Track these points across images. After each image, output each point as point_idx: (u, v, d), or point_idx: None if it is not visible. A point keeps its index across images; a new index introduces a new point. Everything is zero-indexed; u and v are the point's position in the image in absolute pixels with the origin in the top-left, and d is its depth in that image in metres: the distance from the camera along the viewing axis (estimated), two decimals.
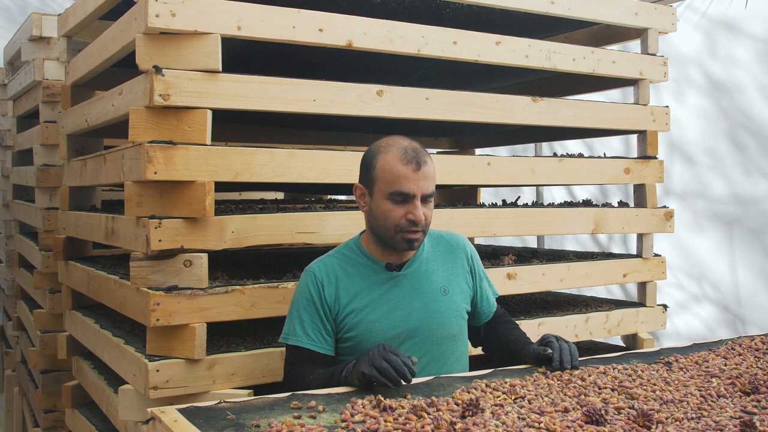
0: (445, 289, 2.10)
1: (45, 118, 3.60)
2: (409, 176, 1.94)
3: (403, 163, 1.95)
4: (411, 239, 1.98)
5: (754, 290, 4.25)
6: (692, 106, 4.54)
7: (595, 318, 2.94)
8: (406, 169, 1.94)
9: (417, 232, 1.98)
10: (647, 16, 3.02)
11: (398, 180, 1.94)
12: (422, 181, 1.95)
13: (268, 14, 2.23)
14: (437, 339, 2.07)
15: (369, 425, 1.50)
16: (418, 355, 1.98)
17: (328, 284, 2.04)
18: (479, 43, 2.62)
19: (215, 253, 2.21)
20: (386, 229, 1.99)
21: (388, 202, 1.96)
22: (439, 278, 2.11)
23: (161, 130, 2.12)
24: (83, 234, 2.88)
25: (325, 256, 2.12)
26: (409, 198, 1.95)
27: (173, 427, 1.46)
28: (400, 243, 2.00)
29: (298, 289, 2.08)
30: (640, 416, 1.54)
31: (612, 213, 2.99)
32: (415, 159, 1.95)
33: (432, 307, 2.07)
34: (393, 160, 1.96)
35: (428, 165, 1.98)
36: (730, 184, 4.37)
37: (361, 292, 2.04)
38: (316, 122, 3.63)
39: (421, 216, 1.96)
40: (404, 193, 1.95)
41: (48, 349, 3.52)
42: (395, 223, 1.97)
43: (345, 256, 2.10)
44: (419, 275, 2.09)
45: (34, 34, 3.65)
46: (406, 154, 1.96)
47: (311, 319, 2.02)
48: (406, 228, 1.97)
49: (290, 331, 2.05)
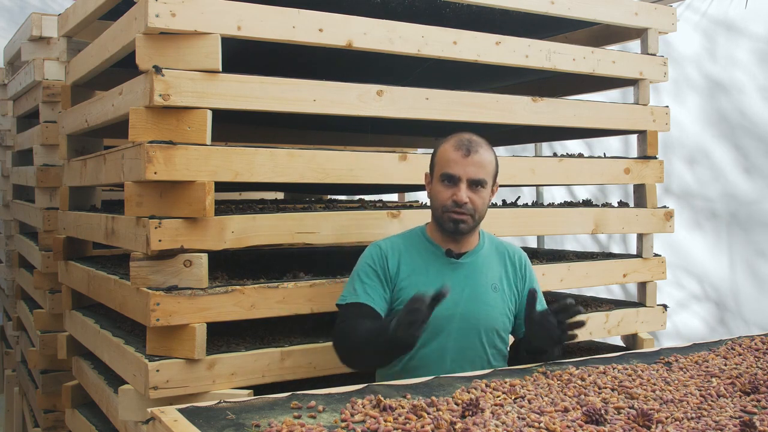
0: (496, 287, 2.22)
1: (45, 118, 3.60)
2: (458, 161, 2.10)
3: (455, 149, 2.12)
4: (455, 219, 2.12)
5: (753, 290, 4.25)
6: (691, 107, 4.53)
7: (595, 318, 2.94)
8: (456, 154, 2.11)
9: (462, 214, 2.11)
10: (647, 16, 3.02)
11: (448, 163, 2.12)
12: (470, 166, 2.10)
13: (268, 14, 2.23)
14: (480, 329, 2.16)
15: (369, 425, 1.50)
16: (460, 341, 2.13)
17: (392, 256, 2.18)
18: (479, 43, 2.62)
19: (215, 253, 2.21)
20: (436, 209, 2.16)
21: (439, 184, 2.14)
22: (492, 275, 2.22)
23: (161, 130, 2.12)
24: (83, 234, 2.88)
25: (391, 236, 2.29)
26: (455, 180, 2.10)
27: (173, 427, 1.46)
28: (446, 223, 2.13)
29: (362, 258, 2.21)
30: (640, 416, 1.54)
31: (612, 213, 2.99)
32: (465, 146, 2.11)
33: (481, 298, 2.18)
34: (448, 146, 2.14)
35: (479, 154, 2.12)
36: (729, 184, 4.37)
37: (419, 270, 2.17)
38: (316, 122, 3.62)
39: (463, 198, 2.09)
40: (451, 175, 2.11)
41: (48, 349, 3.52)
42: (442, 204, 2.13)
43: (409, 239, 2.24)
44: (475, 267, 2.21)
45: (34, 34, 3.65)
46: (459, 142, 2.13)
47: (371, 282, 2.15)
48: (451, 208, 2.11)
49: (349, 293, 2.16)
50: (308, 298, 2.34)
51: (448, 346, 2.14)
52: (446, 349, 2.14)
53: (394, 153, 2.52)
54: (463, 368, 2.09)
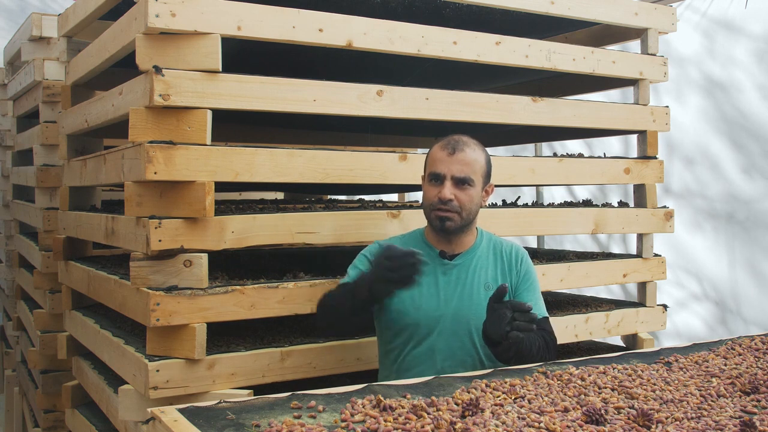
0: (489, 286, 2.21)
1: (45, 118, 3.60)
2: (443, 159, 2.13)
3: (441, 148, 2.15)
4: (441, 216, 2.13)
5: (753, 290, 4.25)
6: (691, 107, 4.53)
7: (595, 318, 2.94)
8: (442, 153, 2.14)
9: (447, 211, 2.12)
10: (647, 16, 3.02)
11: (434, 162, 2.15)
12: (455, 164, 2.11)
13: (268, 14, 2.23)
14: (471, 329, 2.16)
15: (369, 425, 1.50)
16: (450, 340, 2.14)
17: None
18: (479, 43, 2.62)
19: (215, 253, 2.21)
20: (425, 208, 2.19)
21: (428, 183, 2.18)
22: (485, 275, 2.22)
23: (161, 130, 2.12)
24: (83, 234, 2.88)
25: (392, 237, 2.35)
26: (440, 178, 2.13)
27: (173, 427, 1.46)
28: (434, 221, 2.16)
29: (361, 252, 2.25)
30: (640, 416, 1.54)
31: (612, 213, 2.99)
32: (451, 146, 2.13)
33: (473, 298, 2.18)
34: (436, 147, 2.17)
35: (465, 153, 2.13)
36: (728, 184, 4.37)
37: None
38: (316, 122, 3.63)
39: (447, 194, 2.10)
40: (436, 173, 2.14)
41: (48, 349, 3.52)
42: (430, 202, 2.15)
43: (408, 240, 2.27)
44: (468, 268, 2.21)
45: (34, 34, 3.65)
46: (447, 142, 2.16)
47: (365, 267, 2.18)
48: (436, 206, 2.13)
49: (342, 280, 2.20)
50: (308, 298, 2.34)
51: (438, 346, 2.14)
52: (437, 349, 2.14)
53: (394, 153, 2.53)
54: (455, 368, 2.09)
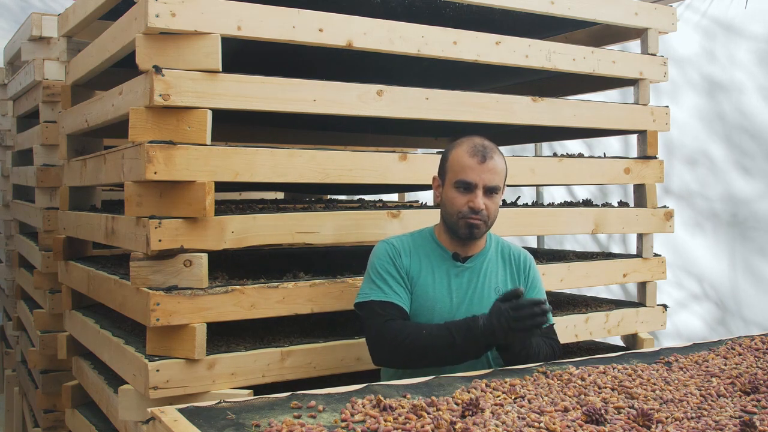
0: (499, 290, 2.22)
1: (45, 118, 3.60)
2: (473, 167, 2.10)
3: (470, 155, 2.11)
4: (471, 224, 2.12)
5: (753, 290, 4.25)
6: (691, 107, 4.53)
7: (595, 318, 2.94)
8: (472, 161, 2.10)
9: (477, 220, 2.11)
10: (647, 16, 3.02)
11: (463, 170, 2.11)
12: (486, 173, 2.10)
13: (268, 14, 2.23)
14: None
15: (369, 425, 1.50)
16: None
17: (405, 255, 2.19)
18: (479, 43, 2.62)
19: (215, 253, 2.21)
20: (451, 215, 2.14)
21: (454, 190, 2.13)
22: (495, 279, 2.23)
23: (161, 130, 2.12)
24: (83, 234, 2.88)
25: (400, 235, 2.29)
26: (471, 187, 2.10)
27: (173, 427, 1.46)
28: (462, 228, 2.13)
29: (376, 256, 2.20)
30: (640, 416, 1.54)
31: (612, 213, 2.99)
32: (481, 153, 2.11)
33: (483, 301, 2.18)
34: (462, 152, 2.13)
35: (494, 161, 2.12)
36: (729, 184, 4.37)
37: (427, 271, 2.18)
38: (316, 122, 3.63)
39: (480, 204, 2.10)
40: (467, 182, 2.10)
41: (48, 349, 3.52)
42: (458, 210, 2.12)
43: (418, 240, 2.25)
44: (479, 271, 2.22)
45: (34, 34, 3.65)
46: (474, 148, 2.12)
47: (394, 279, 2.15)
48: (467, 215, 2.11)
49: (371, 290, 2.14)
50: (308, 298, 2.34)
51: None
52: None
53: (394, 153, 2.52)
54: (463, 371, 2.08)
